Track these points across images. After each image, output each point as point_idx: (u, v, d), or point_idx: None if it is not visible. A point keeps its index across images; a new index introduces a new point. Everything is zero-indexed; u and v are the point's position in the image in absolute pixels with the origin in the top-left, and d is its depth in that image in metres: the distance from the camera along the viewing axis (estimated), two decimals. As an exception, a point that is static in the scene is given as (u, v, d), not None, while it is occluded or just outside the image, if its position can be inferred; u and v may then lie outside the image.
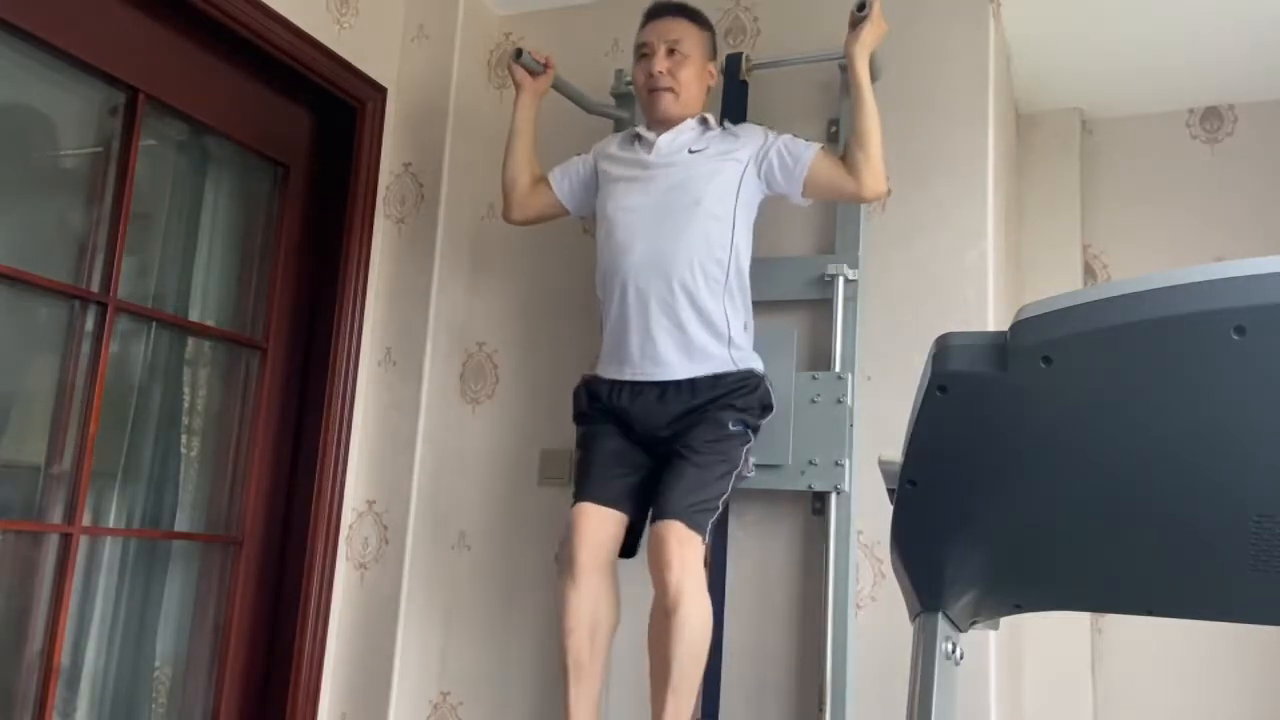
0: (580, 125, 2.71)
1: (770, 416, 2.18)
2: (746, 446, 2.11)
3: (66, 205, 2.16)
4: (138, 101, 2.23)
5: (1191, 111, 3.16)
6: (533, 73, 2.41)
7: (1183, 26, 2.74)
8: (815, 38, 2.54)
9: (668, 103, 2.21)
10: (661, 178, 2.18)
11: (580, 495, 2.07)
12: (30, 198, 2.12)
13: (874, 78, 2.38)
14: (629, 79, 2.68)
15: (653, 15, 2.28)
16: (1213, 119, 3.14)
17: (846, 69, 2.23)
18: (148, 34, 2.26)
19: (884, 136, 2.26)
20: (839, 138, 2.45)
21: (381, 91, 2.78)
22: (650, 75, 2.21)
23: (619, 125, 2.71)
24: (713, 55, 2.31)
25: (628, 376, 2.14)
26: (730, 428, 2.06)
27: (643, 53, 2.25)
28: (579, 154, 2.41)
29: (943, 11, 2.51)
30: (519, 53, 2.37)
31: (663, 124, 2.24)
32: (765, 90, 2.60)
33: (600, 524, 2.03)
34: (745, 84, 2.57)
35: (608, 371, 2.18)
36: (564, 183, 2.37)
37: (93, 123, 2.22)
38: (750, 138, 2.22)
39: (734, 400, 2.09)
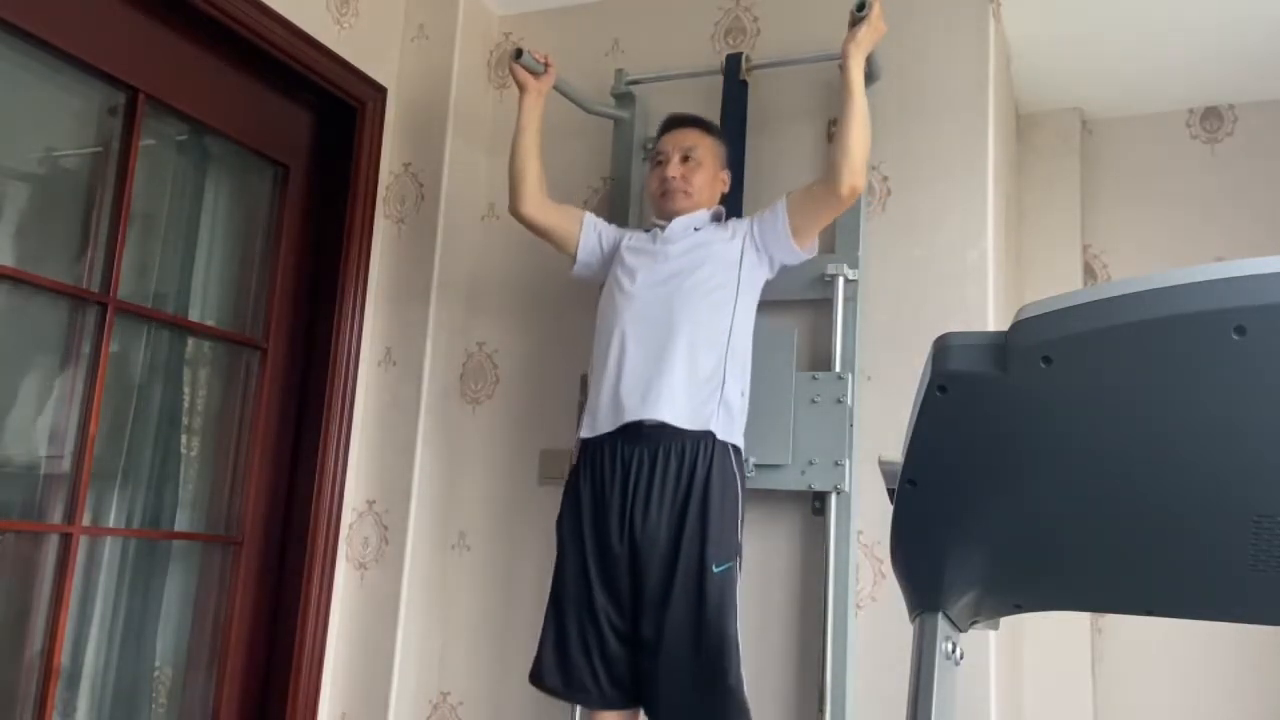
0: (580, 125, 2.72)
1: (743, 493, 2.12)
2: (738, 580, 2.05)
3: (66, 205, 2.17)
4: (138, 101, 2.23)
5: (1191, 111, 3.16)
6: (533, 73, 2.41)
7: (1183, 27, 2.74)
8: (815, 38, 2.54)
9: (680, 200, 2.27)
10: (670, 253, 2.22)
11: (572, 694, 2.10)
12: (30, 198, 2.12)
13: (873, 78, 2.38)
14: (629, 78, 2.69)
15: (669, 126, 2.35)
16: (1213, 119, 3.14)
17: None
18: (148, 34, 2.26)
19: (882, 137, 2.26)
20: (839, 138, 2.44)
21: (381, 91, 2.78)
22: (664, 180, 2.28)
23: (619, 125, 2.72)
24: (726, 164, 2.37)
25: (615, 425, 2.10)
26: (714, 570, 2.02)
27: (658, 160, 2.32)
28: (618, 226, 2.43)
29: (943, 11, 2.51)
30: (519, 53, 2.37)
31: (676, 216, 2.29)
32: (765, 90, 2.60)
33: None
34: (745, 84, 2.57)
35: (589, 429, 2.16)
36: (592, 234, 2.37)
37: (93, 123, 2.22)
38: (741, 222, 2.29)
39: (709, 519, 2.03)
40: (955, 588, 1.13)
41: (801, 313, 2.44)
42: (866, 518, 2.32)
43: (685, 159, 2.28)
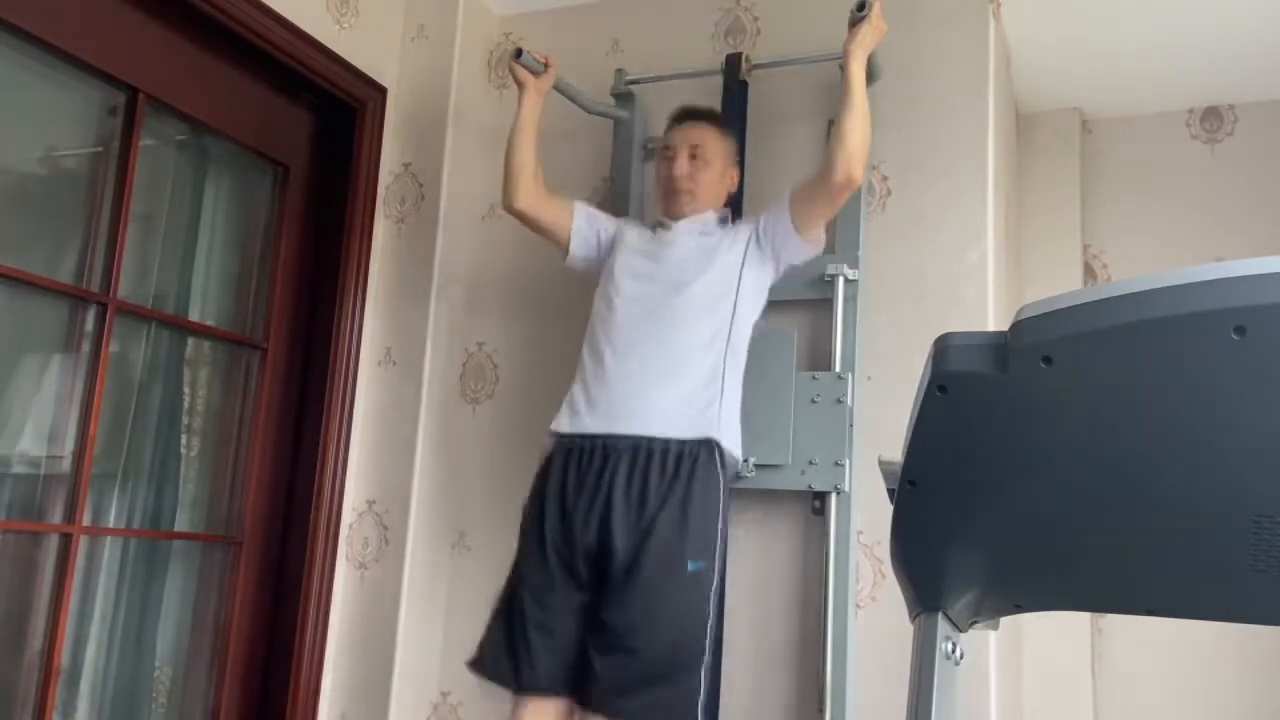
0: (580, 125, 2.72)
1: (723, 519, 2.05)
2: (711, 587, 1.98)
3: (66, 205, 2.16)
4: (138, 101, 2.23)
5: (1191, 111, 3.16)
6: (533, 72, 2.41)
7: (1182, 27, 2.74)
8: (815, 38, 2.54)
9: (684, 202, 2.24)
10: (672, 259, 2.19)
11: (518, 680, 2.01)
12: (31, 198, 2.12)
13: (874, 78, 2.38)
14: (629, 78, 2.69)
15: (679, 119, 2.32)
16: (1213, 119, 3.14)
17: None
18: (148, 34, 2.26)
19: (882, 137, 2.24)
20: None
21: (381, 91, 2.78)
22: (671, 177, 2.25)
23: (619, 125, 2.72)
24: (735, 161, 2.35)
25: (599, 429, 2.06)
26: (690, 567, 1.95)
27: (666, 155, 2.29)
28: (610, 215, 2.41)
29: (943, 12, 2.51)
30: (519, 52, 2.37)
31: (681, 218, 2.27)
32: (765, 90, 2.60)
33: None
34: (745, 84, 2.57)
35: (571, 424, 2.11)
36: (583, 223, 2.34)
37: (93, 123, 2.22)
38: (746, 223, 2.26)
39: (690, 513, 1.97)
40: (955, 588, 1.13)
41: (801, 313, 2.44)
42: (866, 518, 2.32)
43: (693, 156, 2.24)
